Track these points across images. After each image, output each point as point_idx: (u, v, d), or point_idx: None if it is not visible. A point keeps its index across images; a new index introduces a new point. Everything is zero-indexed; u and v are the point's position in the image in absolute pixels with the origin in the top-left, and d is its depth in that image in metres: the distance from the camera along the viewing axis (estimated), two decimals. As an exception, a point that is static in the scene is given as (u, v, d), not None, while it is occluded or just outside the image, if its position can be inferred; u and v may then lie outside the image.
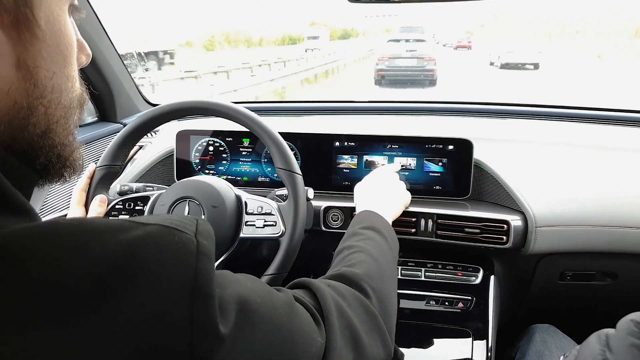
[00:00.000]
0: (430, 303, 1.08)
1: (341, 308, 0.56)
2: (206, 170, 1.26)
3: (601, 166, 1.12)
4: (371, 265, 0.71)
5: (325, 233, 1.12)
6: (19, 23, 0.36)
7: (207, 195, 0.90)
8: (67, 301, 0.30)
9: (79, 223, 0.34)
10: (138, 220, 0.36)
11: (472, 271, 1.10)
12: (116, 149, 0.97)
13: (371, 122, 1.49)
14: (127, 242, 0.34)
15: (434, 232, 1.06)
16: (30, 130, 0.40)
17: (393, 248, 0.81)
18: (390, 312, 0.68)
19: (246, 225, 0.92)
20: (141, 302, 0.32)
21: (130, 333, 0.31)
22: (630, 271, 1.12)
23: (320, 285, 0.57)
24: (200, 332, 0.34)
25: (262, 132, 0.91)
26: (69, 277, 0.31)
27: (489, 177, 1.13)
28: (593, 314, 1.32)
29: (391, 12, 28.62)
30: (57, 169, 0.44)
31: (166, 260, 0.34)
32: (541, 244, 1.03)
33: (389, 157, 1.17)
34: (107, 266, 0.32)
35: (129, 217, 0.96)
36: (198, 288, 0.35)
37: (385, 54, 12.68)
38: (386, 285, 0.70)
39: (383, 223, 0.85)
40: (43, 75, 0.39)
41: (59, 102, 0.42)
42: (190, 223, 0.39)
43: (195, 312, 0.34)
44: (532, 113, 1.46)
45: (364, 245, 0.76)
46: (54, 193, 1.18)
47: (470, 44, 27.47)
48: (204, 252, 0.37)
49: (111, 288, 0.31)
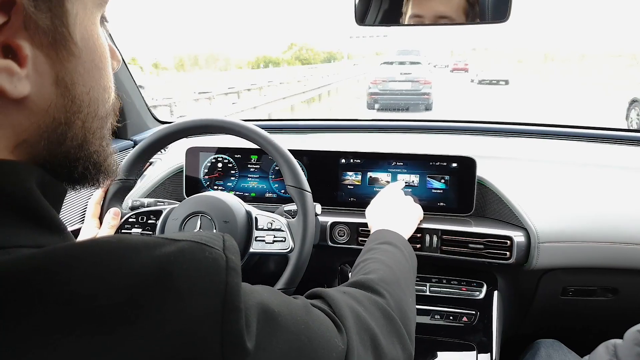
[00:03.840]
0: (435, 317, 1.09)
1: (357, 313, 0.57)
2: (215, 186, 1.29)
3: (601, 184, 1.15)
4: (386, 272, 0.72)
5: (332, 248, 1.14)
6: (57, 43, 0.37)
7: (218, 210, 0.92)
8: (105, 316, 0.31)
9: (117, 240, 0.35)
10: (170, 237, 0.38)
11: (476, 286, 1.12)
12: (131, 163, 0.99)
13: (375, 140, 1.52)
14: (161, 258, 0.35)
15: (438, 247, 1.08)
16: (67, 144, 0.41)
17: (409, 259, 0.82)
18: (409, 316, 0.68)
19: (256, 240, 0.94)
20: (175, 315, 0.33)
21: (166, 347, 0.32)
22: (630, 287, 1.13)
23: (334, 293, 0.58)
24: (230, 345, 0.35)
25: (274, 150, 0.94)
26: (108, 292, 0.32)
27: (492, 194, 1.16)
28: (596, 330, 1.33)
29: (379, 33, 26.23)
30: (93, 175, 0.45)
31: (198, 275, 0.36)
32: (543, 259, 1.05)
33: (392, 175, 1.20)
34: (143, 281, 0.33)
35: (141, 230, 0.98)
36: (229, 302, 0.36)
37: (379, 77, 12.26)
38: (403, 292, 0.70)
39: (399, 238, 0.86)
40: (80, 91, 0.40)
41: (95, 114, 0.43)
42: (218, 239, 0.40)
43: (226, 325, 0.35)
44: (534, 132, 1.49)
45: (379, 257, 0.77)
46: (65, 208, 1.20)
47: (467, 67, 28.31)
48: (232, 267, 0.38)
49: (147, 302, 0.33)
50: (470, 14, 1.08)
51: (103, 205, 0.97)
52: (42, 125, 0.38)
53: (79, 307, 0.31)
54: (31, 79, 0.36)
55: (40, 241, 0.36)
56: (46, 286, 0.31)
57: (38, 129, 0.38)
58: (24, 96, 0.36)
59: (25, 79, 0.36)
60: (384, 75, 12.21)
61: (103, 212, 0.97)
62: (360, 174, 1.22)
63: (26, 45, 0.35)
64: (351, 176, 1.23)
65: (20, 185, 0.36)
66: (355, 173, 1.23)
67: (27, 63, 0.36)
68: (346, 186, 1.23)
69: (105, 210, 0.96)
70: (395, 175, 1.20)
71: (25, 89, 0.36)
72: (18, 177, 0.36)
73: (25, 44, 0.35)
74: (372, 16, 1.15)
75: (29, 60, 0.36)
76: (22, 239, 0.35)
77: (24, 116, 0.37)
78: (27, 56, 0.35)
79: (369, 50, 39.31)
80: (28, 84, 0.36)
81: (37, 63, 0.36)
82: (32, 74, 0.36)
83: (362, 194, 1.22)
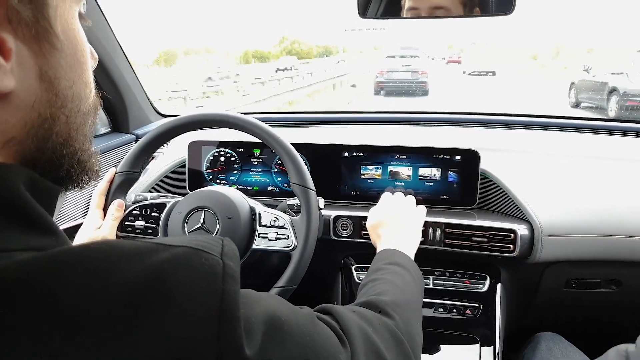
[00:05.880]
0: (438, 310, 1.09)
1: (366, 333, 0.55)
2: (217, 180, 1.29)
3: (605, 176, 1.15)
4: (397, 294, 0.70)
5: (334, 242, 1.14)
6: (39, 36, 0.37)
7: (222, 205, 0.92)
8: (99, 326, 0.30)
9: (109, 247, 0.35)
10: (165, 242, 0.37)
11: (479, 279, 1.12)
12: (136, 156, 0.99)
13: (377, 132, 1.51)
14: (155, 265, 0.34)
15: (442, 240, 1.08)
16: (53, 140, 0.40)
17: (417, 282, 0.80)
18: (417, 341, 0.66)
19: (259, 237, 0.94)
20: (170, 324, 0.32)
21: (161, 356, 0.31)
22: (633, 279, 1.14)
23: (343, 311, 0.57)
24: (227, 353, 0.35)
25: (280, 147, 0.94)
26: (101, 301, 0.31)
27: (496, 187, 1.15)
28: (598, 323, 1.34)
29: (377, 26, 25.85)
30: (77, 175, 0.44)
31: (193, 283, 0.35)
32: (547, 252, 1.05)
33: (395, 167, 1.20)
34: (137, 289, 0.32)
35: (144, 223, 0.98)
36: (224, 310, 0.35)
37: (384, 69, 14.52)
38: (412, 315, 0.69)
39: (406, 259, 0.84)
40: (64, 85, 0.40)
41: (78, 109, 0.42)
42: (216, 244, 0.39)
43: (222, 333, 0.34)
44: (537, 124, 1.48)
45: (388, 278, 0.75)
46: (68, 202, 1.20)
47: (460, 59, 29.37)
48: (229, 273, 0.37)
49: (141, 311, 0.32)
50: (468, 5, 1.07)
51: (107, 197, 0.97)
52: (28, 122, 0.38)
53: (73, 318, 0.30)
54: (15, 73, 0.35)
55: (31, 243, 0.35)
56: (36, 296, 0.30)
57: (25, 125, 0.38)
58: (9, 91, 0.35)
59: (10, 73, 0.35)
60: (388, 67, 14.52)
61: (107, 203, 0.97)
62: (365, 168, 1.22)
63: (10, 39, 0.35)
64: (355, 170, 1.22)
65: (8, 186, 0.35)
66: (358, 166, 1.22)
67: (11, 57, 0.35)
68: (350, 180, 1.23)
69: (109, 202, 0.97)
70: (398, 168, 1.20)
71: (10, 83, 0.35)
72: (6, 179, 0.36)
73: (8, 37, 0.35)
74: (373, 9, 1.14)
75: (13, 53, 0.35)
76: (12, 242, 0.34)
77: (10, 113, 0.36)
78: (11, 49, 0.35)
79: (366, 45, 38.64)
80: (13, 78, 0.35)
81: (21, 56, 0.36)
82: (16, 68, 0.35)
83: (364, 188, 1.22)
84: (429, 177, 1.18)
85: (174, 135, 1.01)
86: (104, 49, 1.33)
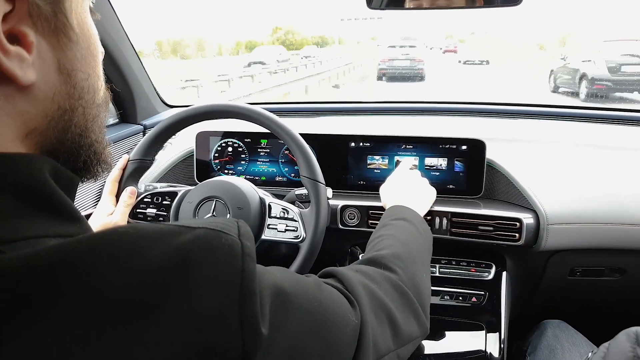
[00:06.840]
0: (444, 298, 1.11)
1: (371, 289, 0.57)
2: (225, 170, 1.30)
3: (610, 165, 1.15)
4: (399, 248, 0.72)
5: (342, 231, 1.16)
6: (57, 29, 0.38)
7: (233, 196, 0.94)
8: (128, 308, 0.31)
9: (135, 231, 0.35)
10: (186, 224, 0.38)
11: (485, 267, 1.14)
12: (149, 144, 1.01)
13: (383, 122, 1.52)
14: (180, 247, 0.35)
15: (448, 229, 1.10)
16: (72, 131, 0.42)
17: (423, 234, 0.82)
18: (423, 292, 0.68)
19: (268, 228, 0.95)
20: (196, 304, 0.33)
21: (187, 336, 0.32)
22: (638, 267, 1.15)
23: (346, 272, 0.59)
24: (248, 329, 0.36)
25: (290, 139, 0.95)
26: (131, 284, 0.32)
27: (501, 176, 1.16)
28: (603, 310, 1.35)
29: (374, 15, 25.86)
30: (94, 165, 0.46)
31: (216, 262, 0.36)
32: (552, 240, 1.06)
33: (402, 157, 1.21)
34: (164, 271, 0.33)
35: (156, 210, 1.00)
36: (245, 287, 0.36)
37: (386, 57, 16.21)
38: (416, 268, 0.71)
39: (413, 214, 0.87)
40: (80, 77, 0.41)
41: (93, 101, 0.44)
42: (233, 225, 0.40)
43: (243, 310, 0.36)
44: (542, 113, 1.49)
45: (392, 233, 0.78)
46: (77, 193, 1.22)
47: (456, 49, 29.81)
48: (248, 252, 0.38)
49: (168, 291, 0.33)
50: None
51: (120, 184, 0.99)
52: (49, 113, 0.39)
53: (103, 302, 0.31)
54: (36, 66, 0.37)
55: (58, 230, 0.37)
56: (70, 279, 0.31)
57: (45, 116, 0.39)
58: (31, 83, 0.37)
59: (32, 66, 0.36)
60: (389, 55, 16.24)
61: (120, 190, 0.98)
62: (372, 157, 1.23)
63: (31, 33, 0.36)
64: (362, 160, 1.23)
65: (35, 176, 0.37)
66: (365, 156, 1.23)
67: (32, 50, 0.36)
68: (357, 169, 1.24)
69: (122, 189, 0.98)
70: (405, 158, 1.21)
71: (32, 75, 0.37)
72: (33, 169, 0.37)
73: (29, 31, 0.36)
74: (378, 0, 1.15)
75: (34, 47, 0.37)
76: (42, 229, 0.35)
77: (31, 105, 0.38)
78: (32, 43, 0.36)
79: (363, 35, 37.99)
80: (34, 71, 0.37)
81: (41, 50, 0.37)
82: (36, 61, 0.37)
83: (371, 177, 1.23)
84: (436, 167, 1.19)
85: (185, 125, 1.02)
86: (113, 41, 1.33)
